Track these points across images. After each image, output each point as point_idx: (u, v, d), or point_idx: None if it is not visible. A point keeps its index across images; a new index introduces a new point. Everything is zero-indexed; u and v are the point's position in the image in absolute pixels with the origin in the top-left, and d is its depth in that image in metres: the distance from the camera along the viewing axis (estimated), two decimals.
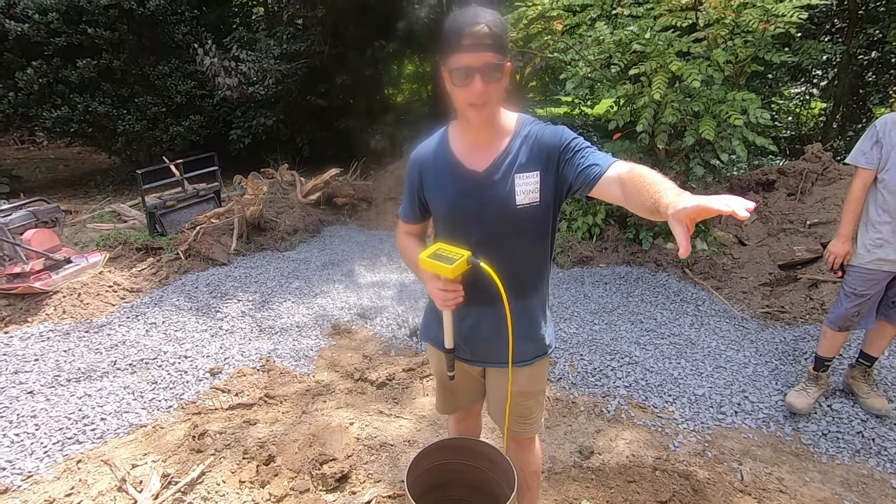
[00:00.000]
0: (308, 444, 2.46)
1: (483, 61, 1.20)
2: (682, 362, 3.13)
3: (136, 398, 2.87)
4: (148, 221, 5.28)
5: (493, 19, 1.21)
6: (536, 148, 1.36)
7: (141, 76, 7.68)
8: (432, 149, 1.45)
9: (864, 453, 2.41)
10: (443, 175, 1.41)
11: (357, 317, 3.88)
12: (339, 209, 6.45)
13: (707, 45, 3.76)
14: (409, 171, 1.49)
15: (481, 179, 1.37)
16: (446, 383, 1.69)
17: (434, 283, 1.37)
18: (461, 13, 1.24)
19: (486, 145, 1.38)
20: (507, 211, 1.36)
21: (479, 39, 1.19)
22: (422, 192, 1.46)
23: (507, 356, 1.48)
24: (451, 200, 1.40)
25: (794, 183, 4.53)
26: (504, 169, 1.36)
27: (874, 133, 2.33)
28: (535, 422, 1.69)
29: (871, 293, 2.42)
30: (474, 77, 1.21)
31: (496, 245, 1.40)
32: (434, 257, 1.35)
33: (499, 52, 1.21)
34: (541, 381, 1.64)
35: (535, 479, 1.84)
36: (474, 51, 1.19)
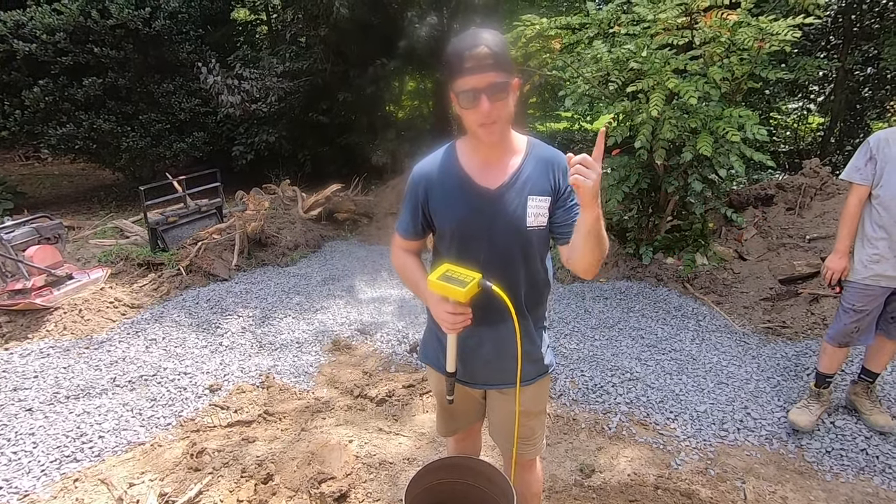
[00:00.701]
0: (307, 462, 2.45)
1: (487, 81, 1.22)
2: (684, 378, 3.12)
3: (135, 416, 2.86)
4: (150, 237, 5.31)
5: (492, 39, 1.24)
6: (551, 175, 1.38)
7: (145, 94, 7.79)
8: (438, 164, 1.43)
9: (869, 471, 2.38)
10: (452, 191, 1.39)
11: (357, 332, 3.87)
12: (341, 224, 6.48)
13: (703, 63, 3.81)
14: (413, 186, 1.45)
15: (493, 197, 1.37)
16: (447, 406, 1.67)
17: (442, 306, 1.34)
18: (461, 37, 1.26)
19: (498, 163, 1.39)
20: (516, 231, 1.37)
21: (480, 60, 1.21)
22: (427, 207, 1.43)
23: (508, 378, 1.48)
24: (460, 216, 1.39)
25: (793, 198, 4.54)
26: (517, 189, 1.37)
27: (868, 149, 2.35)
28: (537, 442, 1.69)
29: (870, 308, 2.42)
30: (480, 98, 1.23)
31: (504, 264, 1.40)
32: (444, 279, 1.31)
33: (502, 71, 1.23)
34: (542, 400, 1.64)
35: (536, 501, 1.82)
36: (477, 72, 1.21)
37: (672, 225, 4.73)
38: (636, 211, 4.77)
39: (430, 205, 1.43)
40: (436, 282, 1.31)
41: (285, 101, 8.03)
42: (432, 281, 1.32)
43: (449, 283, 1.30)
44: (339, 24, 7.13)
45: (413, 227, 1.49)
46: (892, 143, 2.28)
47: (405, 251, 1.56)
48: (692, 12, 3.78)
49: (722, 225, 4.76)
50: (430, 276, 1.34)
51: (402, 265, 1.56)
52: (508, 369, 1.46)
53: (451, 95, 1.30)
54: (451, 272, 1.33)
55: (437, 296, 1.35)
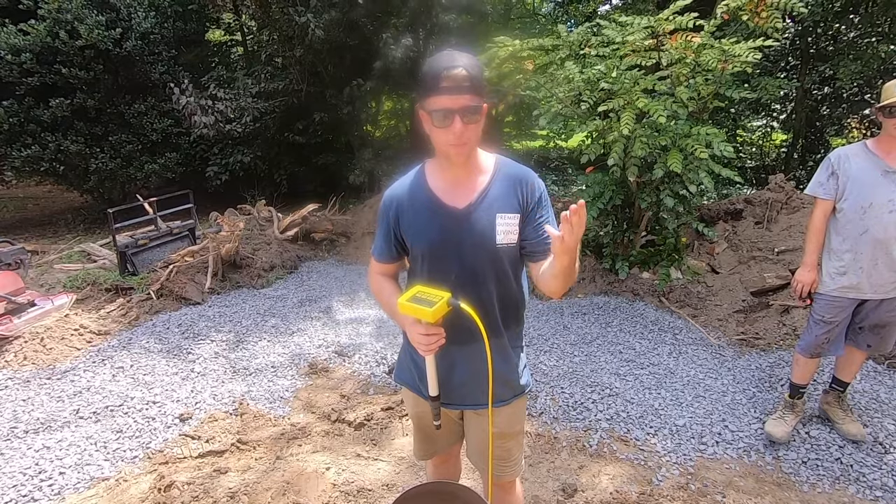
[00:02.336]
0: (281, 492, 2.36)
1: (461, 104, 1.23)
2: (663, 392, 3.13)
3: (99, 449, 2.72)
4: (119, 261, 5.15)
5: (469, 62, 1.26)
6: (518, 192, 1.40)
7: (116, 114, 7.63)
8: (408, 186, 1.45)
9: (844, 480, 2.41)
10: (422, 212, 1.41)
11: (335, 354, 3.79)
12: (318, 244, 6.40)
13: (671, 83, 3.94)
14: (385, 210, 1.47)
15: (461, 216, 1.38)
16: (424, 428, 1.64)
17: (415, 328, 1.34)
18: (439, 57, 1.27)
19: (466, 183, 1.40)
20: (486, 249, 1.39)
21: (457, 82, 1.22)
22: (398, 229, 1.45)
23: (483, 398, 1.46)
24: (430, 237, 1.40)
25: (761, 212, 4.69)
26: (485, 207, 1.38)
27: (829, 165, 2.44)
28: (515, 464, 1.66)
29: (839, 320, 2.48)
30: (454, 118, 1.25)
31: (475, 283, 1.41)
32: (413, 301, 1.32)
33: (476, 94, 1.25)
34: (519, 420, 1.62)
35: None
36: (453, 93, 1.23)
37: (646, 240, 4.82)
38: (611, 226, 4.85)
39: (401, 227, 1.45)
40: (405, 304, 1.32)
41: (261, 121, 7.97)
42: (402, 303, 1.32)
43: (419, 304, 1.31)
44: (314, 44, 7.16)
45: (388, 251, 1.50)
46: (851, 159, 2.37)
47: (381, 275, 1.56)
48: (658, 35, 3.92)
49: (694, 239, 4.87)
50: (399, 298, 1.34)
51: (379, 289, 1.56)
52: (484, 390, 1.44)
53: (422, 113, 1.31)
54: (421, 293, 1.34)
55: (409, 318, 1.35)
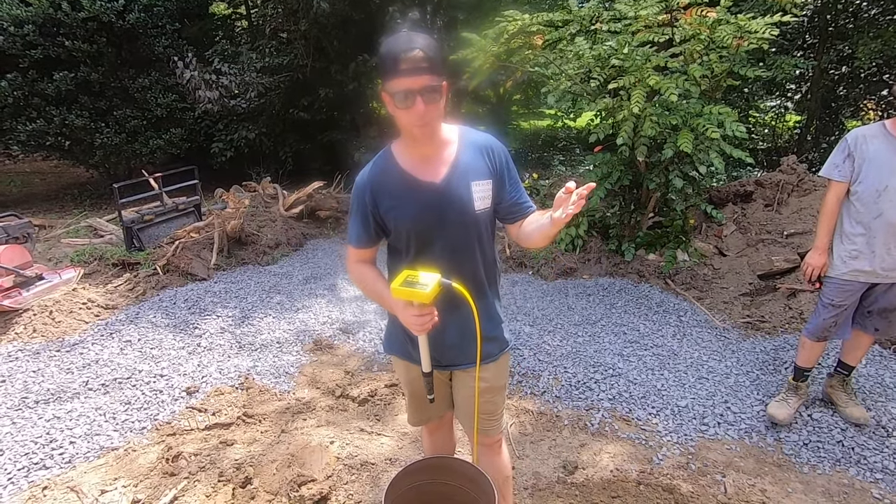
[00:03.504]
0: (286, 464, 2.40)
1: (421, 84, 1.26)
2: (665, 373, 3.14)
3: (108, 420, 2.77)
4: (125, 236, 5.17)
5: (426, 43, 1.27)
6: (486, 158, 1.47)
7: (120, 89, 7.57)
8: (379, 170, 1.47)
9: (845, 463, 2.42)
10: (399, 192, 1.43)
11: (339, 332, 3.82)
12: (323, 222, 6.39)
13: (683, 61, 3.84)
14: (358, 196, 1.48)
15: (439, 189, 1.43)
16: (417, 394, 1.70)
17: (408, 311, 1.37)
18: (395, 38, 1.29)
19: (435, 157, 1.45)
20: (466, 217, 1.45)
21: (415, 63, 1.24)
22: (377, 213, 1.47)
23: (472, 357, 1.55)
24: (413, 215, 1.43)
25: (771, 194, 4.61)
26: (459, 176, 1.44)
27: (846, 146, 2.38)
28: (499, 418, 1.75)
29: (848, 304, 2.45)
30: (415, 99, 1.27)
31: (458, 252, 1.48)
32: (406, 285, 1.35)
33: (435, 74, 1.27)
34: (504, 375, 1.70)
35: (508, 485, 1.85)
36: (412, 74, 1.25)
37: (653, 221, 4.77)
38: (618, 208, 4.79)
39: (380, 210, 1.46)
40: (399, 289, 1.35)
41: (265, 97, 7.89)
42: (395, 288, 1.36)
43: (412, 287, 1.34)
44: (319, 18, 7.03)
45: (366, 236, 1.52)
46: (868, 140, 2.31)
47: (360, 262, 1.58)
48: (672, 9, 3.80)
49: (702, 221, 4.81)
50: (392, 284, 1.37)
51: (361, 277, 1.57)
52: (472, 350, 1.53)
53: (384, 95, 1.33)
54: (411, 277, 1.38)
55: (401, 302, 1.38)
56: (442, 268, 1.42)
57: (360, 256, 1.57)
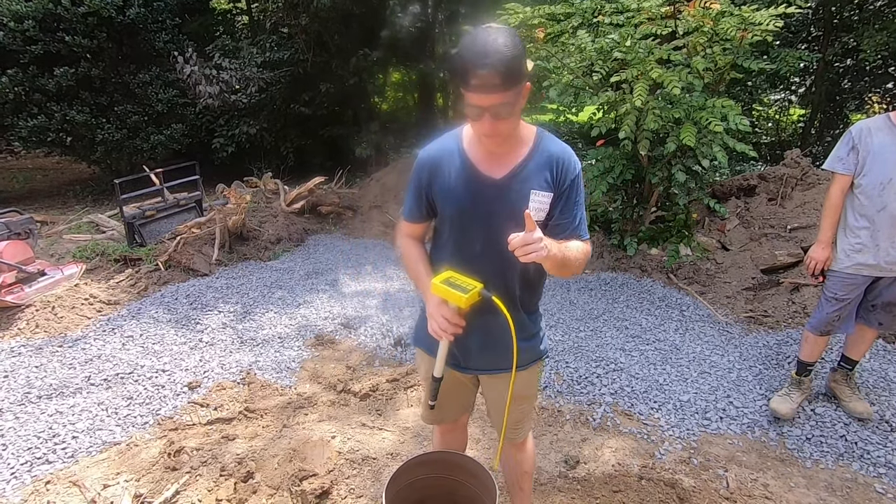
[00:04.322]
0: (288, 459, 2.40)
1: (491, 102, 1.18)
2: (668, 368, 3.13)
3: (111, 415, 2.78)
4: (126, 232, 5.17)
5: (503, 56, 1.14)
6: (555, 172, 1.37)
7: (121, 84, 7.55)
8: (444, 149, 1.42)
9: (848, 457, 2.41)
10: (455, 177, 1.39)
11: (341, 327, 3.82)
12: (324, 218, 6.39)
13: (687, 53, 3.80)
14: (418, 170, 1.45)
15: (496, 187, 1.37)
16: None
17: (440, 310, 1.36)
18: (471, 44, 1.18)
19: (503, 154, 1.38)
20: (516, 223, 1.34)
21: (486, 81, 1.15)
22: (430, 191, 1.44)
23: (501, 363, 1.49)
24: (461, 204, 1.39)
25: (775, 188, 4.58)
26: (520, 180, 1.36)
27: (850, 139, 2.36)
28: (527, 423, 1.72)
29: (851, 297, 2.44)
30: (484, 116, 1.21)
31: (500, 255, 1.39)
32: (447, 283, 1.34)
33: (510, 90, 1.17)
34: (533, 385, 1.66)
35: (528, 480, 1.83)
36: (483, 92, 1.17)
37: (656, 216, 4.75)
38: (620, 202, 4.77)
39: (433, 189, 1.43)
40: (438, 285, 1.34)
41: (266, 92, 7.86)
42: (435, 284, 1.34)
43: (451, 287, 1.33)
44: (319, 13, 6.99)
45: (418, 211, 1.49)
46: (873, 133, 2.29)
47: (410, 237, 1.57)
48: (675, 2, 3.77)
49: (705, 215, 4.79)
50: (433, 279, 1.36)
51: (408, 253, 1.56)
52: (502, 356, 1.47)
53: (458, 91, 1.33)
54: (454, 279, 1.37)
55: (437, 298, 1.37)
56: (478, 269, 1.39)
57: (410, 231, 1.55)
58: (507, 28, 1.22)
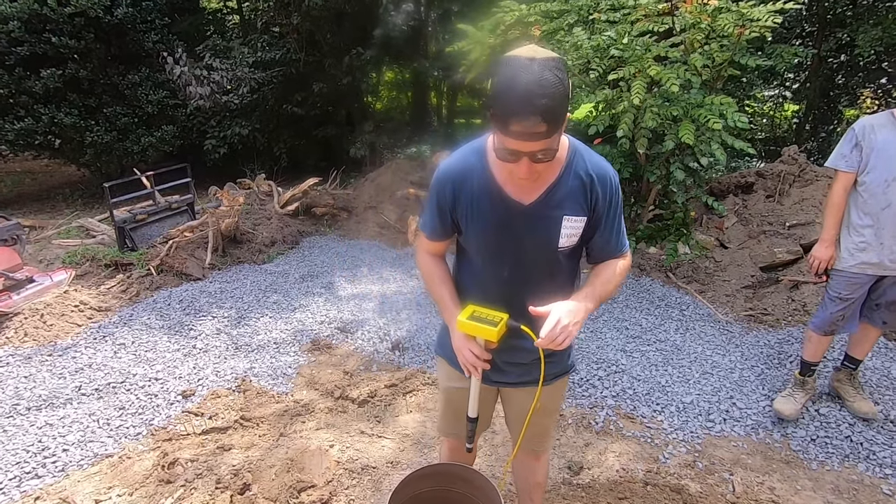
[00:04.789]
0: (286, 469, 2.34)
1: (531, 149, 1.09)
2: (669, 369, 3.10)
3: (102, 426, 2.71)
4: (117, 236, 5.07)
5: (549, 100, 1.02)
6: (589, 192, 1.27)
7: (109, 86, 7.43)
8: (470, 168, 1.30)
9: (853, 458, 2.39)
10: (481, 201, 1.28)
11: (337, 331, 3.76)
12: (319, 219, 6.31)
13: (684, 50, 3.77)
14: (440, 187, 1.33)
15: (526, 213, 1.27)
16: (455, 404, 1.60)
17: (468, 345, 1.32)
18: (513, 83, 1.03)
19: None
20: (546, 251, 1.30)
21: (531, 129, 1.04)
22: (454, 212, 1.34)
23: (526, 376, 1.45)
24: (488, 230, 1.30)
25: (773, 185, 4.56)
26: (553, 206, 1.26)
27: (853, 136, 2.32)
28: (552, 436, 1.70)
29: (855, 297, 2.41)
30: (521, 159, 1.11)
31: (528, 281, 1.35)
32: (473, 319, 1.30)
33: (552, 136, 1.08)
34: (558, 399, 1.61)
35: (539, 492, 1.79)
36: (524, 139, 1.06)
37: (654, 214, 4.72)
38: None
39: (457, 211, 1.34)
40: (465, 322, 1.31)
41: (258, 92, 7.76)
42: (462, 321, 1.31)
43: (478, 322, 1.29)
44: (311, 11, 6.91)
45: (442, 228, 1.41)
46: (877, 130, 2.26)
47: (432, 254, 1.48)
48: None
49: (703, 213, 4.76)
50: (459, 317, 1.32)
51: (428, 273, 1.47)
52: (528, 370, 1.43)
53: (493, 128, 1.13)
54: (479, 312, 1.33)
55: (462, 333, 1.34)
56: (507, 293, 1.34)
57: (431, 248, 1.47)
58: (553, 58, 1.06)
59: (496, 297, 1.37)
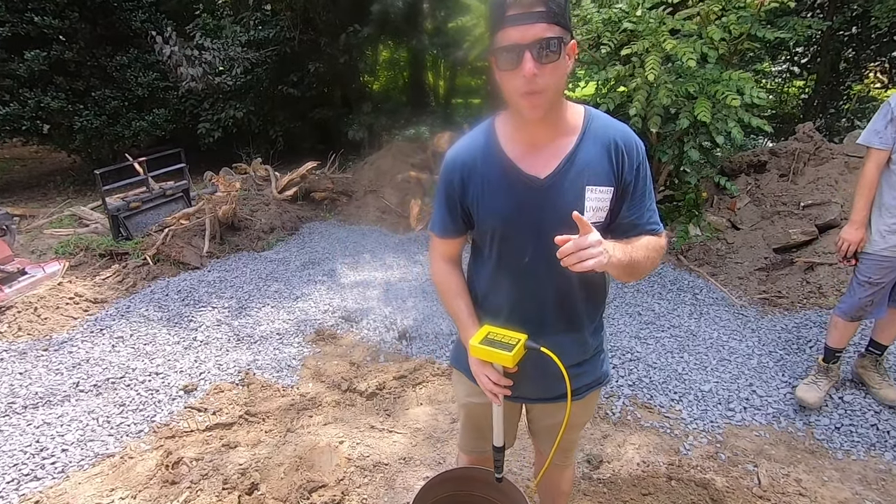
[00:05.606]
0: (294, 467, 2.26)
1: (534, 35, 0.97)
2: (685, 356, 3.01)
3: (102, 424, 2.61)
4: (111, 225, 4.93)
5: None
6: (614, 159, 1.14)
7: (97, 68, 7.18)
8: (478, 149, 1.19)
9: (880, 447, 2.31)
10: (494, 182, 1.17)
11: (342, 320, 3.65)
12: (318, 204, 6.16)
13: (699, 22, 3.59)
14: (447, 177, 1.21)
15: (543, 188, 1.14)
16: (475, 420, 1.49)
17: (485, 371, 1.22)
18: None
19: (547, 145, 1.15)
20: (569, 228, 1.14)
21: (527, 7, 0.96)
22: (465, 200, 1.22)
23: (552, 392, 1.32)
24: (505, 213, 1.17)
25: (786, 164, 4.43)
26: (572, 176, 1.13)
27: (889, 111, 2.19)
28: (576, 448, 1.60)
29: (886, 281, 2.31)
30: (524, 56, 0.98)
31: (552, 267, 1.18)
32: (487, 343, 1.19)
33: (555, 23, 0.98)
34: (589, 412, 1.49)
35: (564, 499, 1.71)
36: (523, 22, 0.96)
37: (664, 195, 4.59)
38: None
39: (468, 198, 1.21)
40: (479, 347, 1.19)
41: (252, 73, 7.52)
42: (475, 347, 1.20)
43: (493, 347, 1.18)
44: None
45: (453, 224, 1.27)
46: None
47: (445, 259, 1.34)
48: None
49: (714, 194, 4.63)
50: (472, 342, 1.20)
51: (444, 285, 1.34)
52: (550, 385, 1.30)
53: (492, 59, 1.04)
54: (494, 334, 1.21)
55: (477, 359, 1.23)
56: (529, 285, 1.22)
57: (445, 250, 1.32)
58: None
59: (518, 294, 1.24)
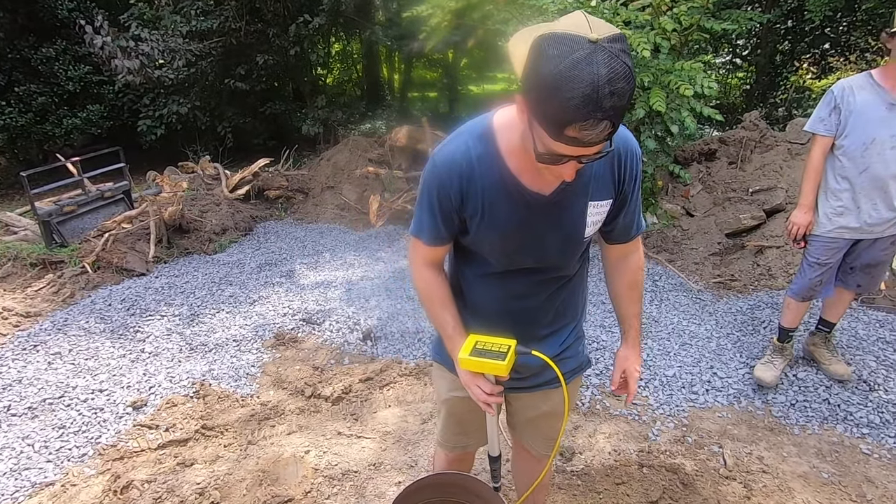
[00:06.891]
0: (258, 482, 2.14)
1: (588, 154, 0.90)
2: (649, 342, 3.07)
3: (39, 450, 2.39)
4: (42, 231, 4.55)
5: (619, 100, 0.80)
6: (616, 171, 1.11)
7: (20, 61, 6.62)
8: (478, 158, 1.09)
9: (832, 420, 2.43)
10: (495, 197, 1.10)
11: (302, 323, 3.51)
12: (273, 203, 5.92)
13: (652, 13, 3.64)
14: (442, 184, 1.10)
15: (547, 206, 1.10)
16: (458, 415, 1.45)
17: (477, 382, 1.18)
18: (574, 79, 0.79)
19: None
20: (571, 242, 1.14)
21: (592, 137, 0.84)
22: (462, 212, 1.13)
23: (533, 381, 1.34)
24: (506, 230, 1.12)
25: (735, 151, 4.60)
26: (576, 193, 1.10)
27: (832, 98, 2.27)
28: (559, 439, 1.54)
29: (833, 261, 2.41)
30: (570, 164, 0.93)
31: (550, 278, 1.20)
32: (476, 354, 1.16)
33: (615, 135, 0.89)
34: (574, 398, 1.53)
35: (543, 493, 1.70)
36: (582, 146, 0.87)
37: None
38: None
39: (466, 211, 1.12)
40: (470, 359, 1.16)
41: (195, 66, 7.13)
42: (465, 359, 1.16)
43: (484, 357, 1.15)
44: None
45: (447, 231, 1.17)
46: (855, 92, 2.22)
47: (429, 265, 1.25)
48: None
49: (668, 182, 4.76)
50: (461, 354, 1.17)
51: (429, 295, 1.25)
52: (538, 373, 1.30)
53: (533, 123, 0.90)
54: (482, 343, 1.18)
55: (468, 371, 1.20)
56: (522, 289, 1.21)
57: (431, 256, 1.23)
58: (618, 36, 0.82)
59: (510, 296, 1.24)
